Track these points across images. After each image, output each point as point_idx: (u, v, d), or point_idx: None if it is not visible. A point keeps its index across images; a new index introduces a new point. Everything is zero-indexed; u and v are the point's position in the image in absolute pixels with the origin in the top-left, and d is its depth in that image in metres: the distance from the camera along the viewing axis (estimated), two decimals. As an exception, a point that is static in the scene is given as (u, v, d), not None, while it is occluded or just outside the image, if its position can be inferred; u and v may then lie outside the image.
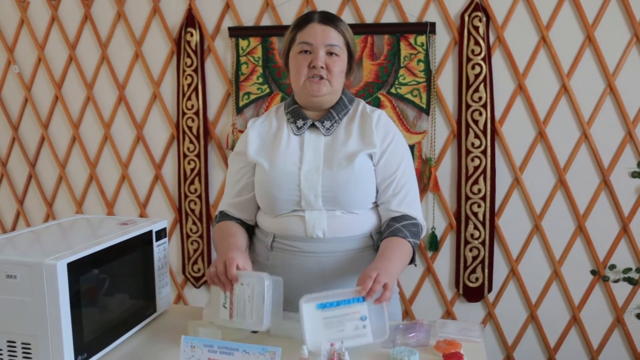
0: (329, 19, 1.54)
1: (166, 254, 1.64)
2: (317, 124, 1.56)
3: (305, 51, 1.52)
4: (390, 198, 1.56)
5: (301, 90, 1.56)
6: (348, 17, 2.83)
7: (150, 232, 1.56)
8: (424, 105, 2.80)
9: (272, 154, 1.56)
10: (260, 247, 1.62)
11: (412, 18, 2.79)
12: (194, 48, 2.96)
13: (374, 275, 1.31)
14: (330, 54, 1.52)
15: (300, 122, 1.57)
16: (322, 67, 1.51)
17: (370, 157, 1.55)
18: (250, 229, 1.68)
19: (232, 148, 2.93)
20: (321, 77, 1.51)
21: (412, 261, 1.55)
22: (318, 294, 1.32)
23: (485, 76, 2.72)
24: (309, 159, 1.53)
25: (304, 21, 1.55)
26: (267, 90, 2.93)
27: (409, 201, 1.57)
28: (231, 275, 1.33)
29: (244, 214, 1.65)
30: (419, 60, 2.78)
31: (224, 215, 1.66)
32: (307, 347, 1.25)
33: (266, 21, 2.93)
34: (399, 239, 1.50)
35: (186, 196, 3.07)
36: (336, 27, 1.53)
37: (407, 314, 2.94)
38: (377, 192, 1.58)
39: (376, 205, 1.60)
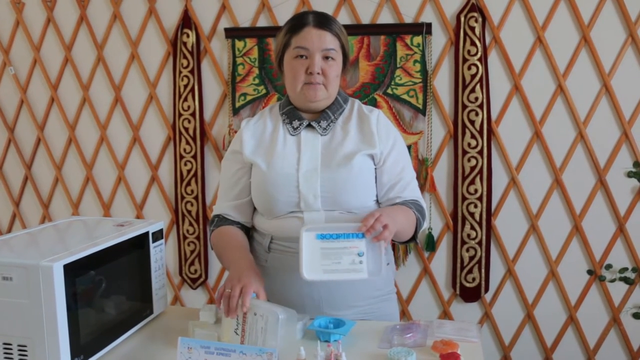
0: (323, 23, 1.52)
1: (163, 256, 1.64)
2: (314, 124, 1.56)
3: (302, 56, 1.52)
4: (398, 194, 1.58)
5: (298, 96, 1.56)
6: (344, 18, 2.84)
7: (147, 233, 1.56)
8: (420, 106, 2.81)
9: (269, 155, 1.55)
10: (258, 248, 1.62)
11: (408, 19, 2.79)
12: (190, 49, 2.96)
13: (376, 215, 1.34)
14: (326, 58, 1.52)
15: (296, 123, 1.57)
16: (318, 73, 1.50)
17: (372, 157, 1.55)
18: (248, 232, 1.67)
19: (229, 149, 2.93)
20: (318, 83, 1.51)
21: (414, 238, 1.57)
22: (319, 225, 1.35)
23: (482, 76, 2.72)
24: (307, 159, 1.53)
25: (298, 24, 1.53)
26: (264, 91, 2.93)
27: (415, 195, 1.62)
28: (244, 305, 1.30)
29: (244, 217, 1.64)
30: (415, 61, 2.79)
31: (222, 220, 1.63)
32: (303, 274, 1.29)
33: (262, 22, 2.93)
34: (404, 205, 1.54)
35: (183, 197, 3.07)
36: (331, 30, 1.52)
37: (404, 314, 2.94)
38: (379, 189, 1.59)
39: (375, 202, 1.60)
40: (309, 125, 1.57)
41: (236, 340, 1.33)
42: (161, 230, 1.63)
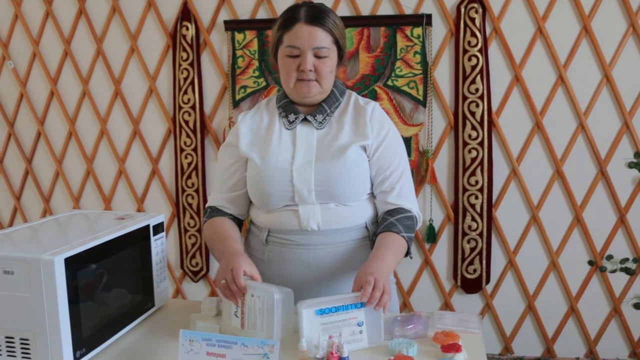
0: (315, 18, 1.49)
1: (164, 249, 1.64)
2: (309, 117, 1.55)
3: (294, 55, 1.51)
4: (386, 191, 1.56)
5: (291, 92, 1.55)
6: (344, 10, 2.83)
7: (148, 226, 1.56)
8: (420, 97, 2.80)
9: (264, 149, 1.54)
10: (256, 242, 1.62)
11: (408, 10, 2.78)
12: (189, 42, 2.95)
13: (371, 281, 1.31)
14: (318, 55, 1.50)
15: (292, 117, 1.56)
16: (310, 70, 1.49)
17: (364, 149, 1.54)
18: (241, 224, 1.67)
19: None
20: (310, 80, 1.50)
21: (407, 254, 1.55)
22: (317, 299, 1.31)
23: (482, 68, 2.71)
24: (302, 153, 1.52)
25: (290, 20, 1.50)
26: (264, 84, 2.92)
27: (404, 194, 1.57)
28: (240, 286, 1.32)
29: (238, 209, 1.63)
30: (416, 52, 2.78)
31: (215, 211, 1.63)
32: (305, 351, 1.26)
33: (262, 14, 2.92)
34: (392, 234, 1.50)
35: (183, 190, 3.07)
36: (323, 26, 1.49)
37: (405, 305, 2.95)
38: (371, 184, 1.57)
39: (371, 195, 1.59)
40: (305, 119, 1.56)
41: (237, 323, 1.34)
42: (162, 223, 1.63)
